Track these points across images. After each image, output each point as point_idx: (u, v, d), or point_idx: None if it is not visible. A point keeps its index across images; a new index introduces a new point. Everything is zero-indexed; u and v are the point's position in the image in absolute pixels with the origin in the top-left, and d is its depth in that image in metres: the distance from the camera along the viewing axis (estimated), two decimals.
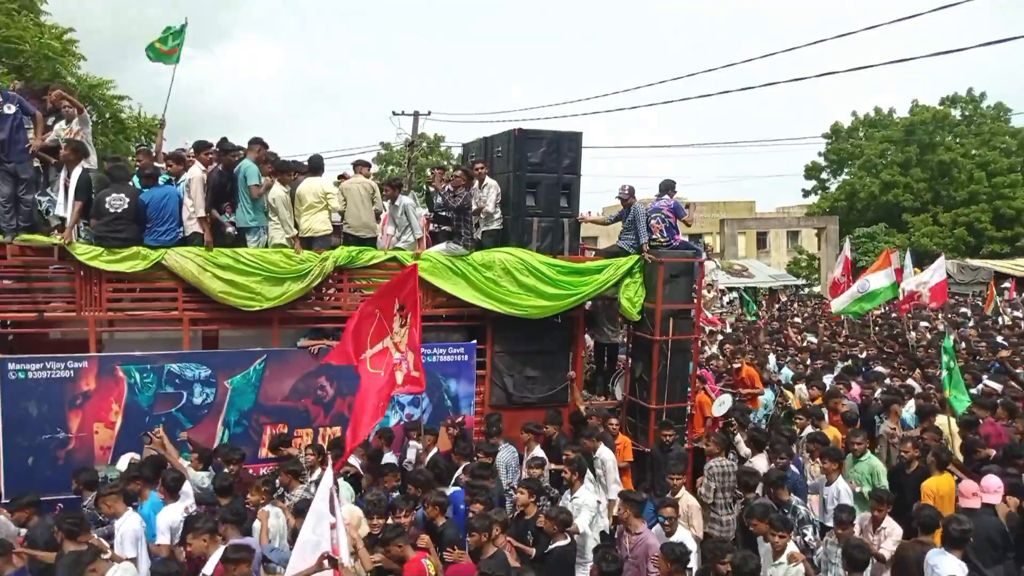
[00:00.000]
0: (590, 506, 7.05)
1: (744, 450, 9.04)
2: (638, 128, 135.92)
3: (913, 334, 16.03)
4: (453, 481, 7.98)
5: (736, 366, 11.88)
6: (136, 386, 8.71)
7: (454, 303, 9.59)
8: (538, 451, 8.52)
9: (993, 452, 8.15)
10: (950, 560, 5.85)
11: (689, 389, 10.06)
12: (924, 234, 43.37)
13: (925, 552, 6.14)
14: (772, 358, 14.62)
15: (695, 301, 10.00)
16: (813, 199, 50.60)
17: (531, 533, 6.74)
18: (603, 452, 8.63)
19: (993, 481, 6.93)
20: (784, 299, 37.03)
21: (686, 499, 7.62)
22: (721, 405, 10.86)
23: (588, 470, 8.06)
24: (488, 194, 9.69)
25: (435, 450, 8.78)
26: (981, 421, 9.16)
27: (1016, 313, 21.27)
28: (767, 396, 11.80)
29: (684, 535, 6.80)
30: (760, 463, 8.45)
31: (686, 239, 10.36)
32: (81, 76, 22.76)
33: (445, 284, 9.44)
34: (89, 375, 8.51)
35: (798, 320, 22.24)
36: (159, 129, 12.06)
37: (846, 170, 48.96)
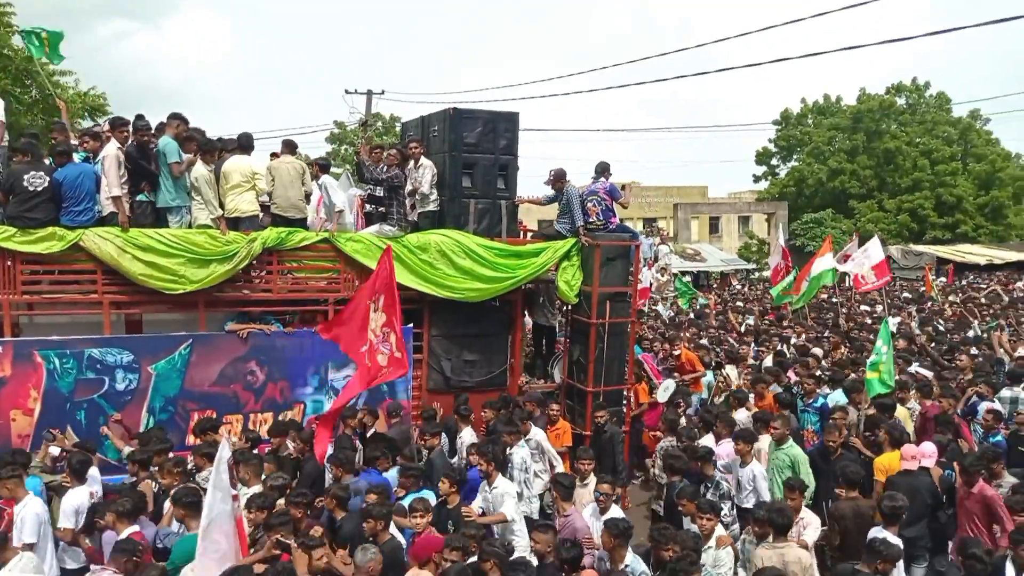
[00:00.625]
0: (511, 493, 6.86)
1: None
2: (594, 111, 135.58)
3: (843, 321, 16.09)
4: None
5: (676, 352, 11.81)
6: (56, 372, 8.29)
7: None
8: (468, 435, 8.34)
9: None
10: (889, 537, 5.94)
11: (627, 372, 9.91)
12: (870, 220, 44.09)
13: (857, 505, 6.66)
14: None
15: (632, 284, 9.84)
16: (764, 185, 51.14)
17: (452, 522, 6.54)
18: (535, 433, 8.48)
19: (929, 447, 7.46)
20: (736, 283, 37.37)
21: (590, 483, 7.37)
22: (665, 391, 10.85)
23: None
24: (423, 175, 9.40)
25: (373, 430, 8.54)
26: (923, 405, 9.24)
27: (953, 298, 21.55)
28: (707, 379, 11.76)
29: (617, 511, 6.73)
30: (710, 442, 8.37)
31: (622, 222, 10.18)
32: (17, 48, 21.61)
33: None
34: (4, 360, 8.08)
35: (740, 304, 22.37)
36: (62, 113, 11.48)
37: (795, 156, 49.52)
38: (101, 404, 8.48)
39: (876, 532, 6.11)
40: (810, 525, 6.53)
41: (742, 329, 16.07)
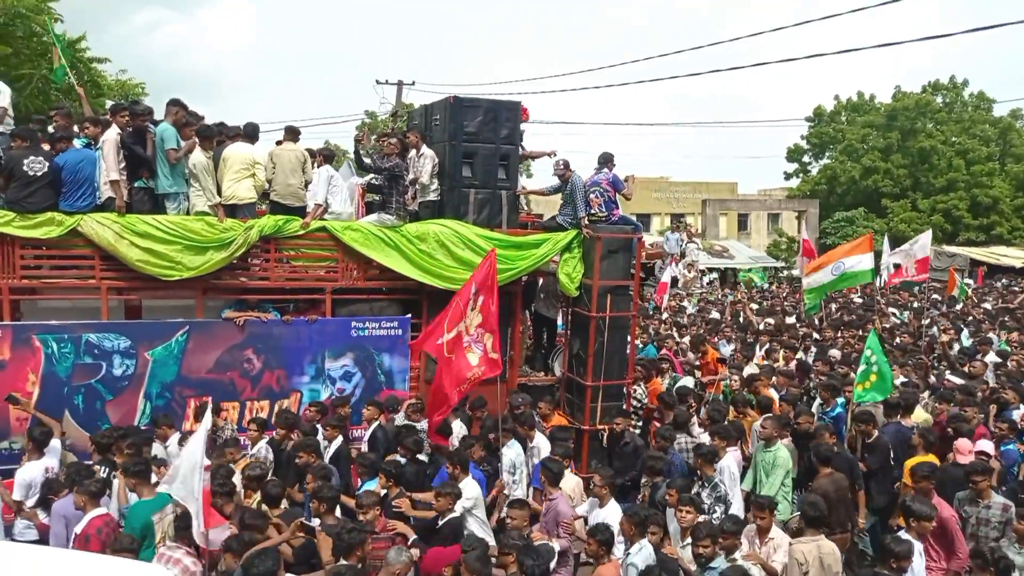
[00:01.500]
0: (467, 495, 6.59)
1: (696, 431, 8.69)
2: (623, 106, 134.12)
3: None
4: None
5: (703, 351, 11.49)
6: (54, 356, 8.24)
7: (387, 275, 9.12)
8: (457, 427, 8.28)
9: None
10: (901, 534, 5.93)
11: (627, 366, 9.58)
12: (903, 220, 42.90)
13: (834, 479, 6.98)
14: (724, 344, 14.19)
15: (633, 277, 9.50)
16: (795, 182, 50.07)
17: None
18: (539, 441, 8.12)
19: (986, 444, 7.74)
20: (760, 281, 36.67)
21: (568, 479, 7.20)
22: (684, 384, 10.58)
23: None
24: (423, 164, 9.18)
25: (377, 422, 8.34)
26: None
27: (986, 305, 20.63)
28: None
29: (614, 509, 6.51)
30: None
31: (625, 214, 9.85)
32: (57, 36, 21.85)
33: (377, 255, 8.96)
34: (3, 344, 8.04)
35: (762, 302, 21.82)
36: (81, 98, 11.44)
37: (827, 154, 48.37)
38: (99, 389, 8.42)
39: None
40: (780, 548, 6.16)
41: (760, 327, 15.59)
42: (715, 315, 20.13)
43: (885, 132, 45.32)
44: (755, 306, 21.12)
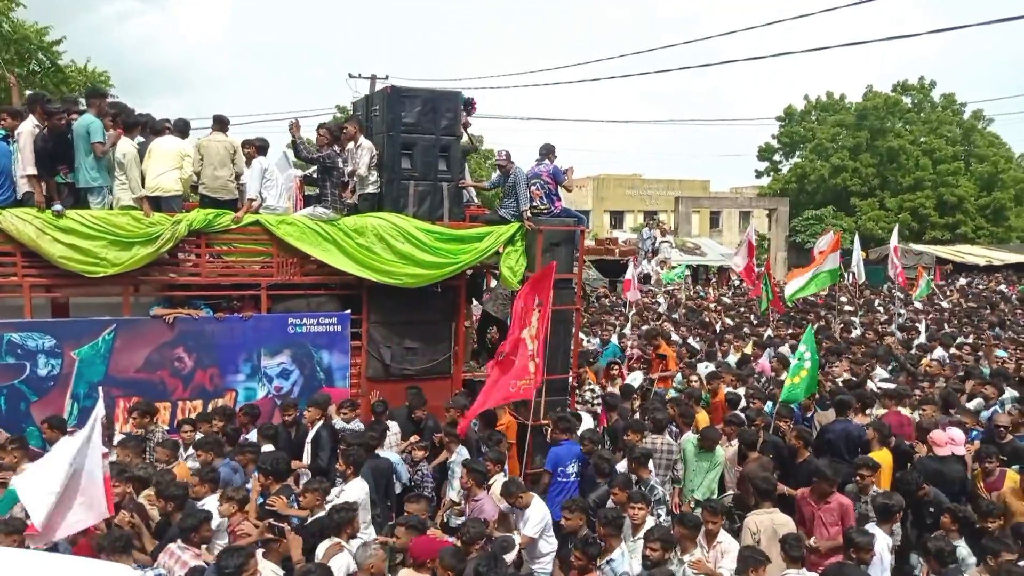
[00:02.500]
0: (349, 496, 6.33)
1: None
2: (596, 103, 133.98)
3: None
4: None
5: (655, 346, 11.20)
6: None
7: (326, 271, 8.77)
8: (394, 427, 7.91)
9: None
10: (880, 535, 5.97)
11: (571, 360, 9.27)
12: (870, 218, 43.00)
13: (761, 463, 7.17)
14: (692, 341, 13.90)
15: (577, 271, 9.20)
16: (766, 180, 50.08)
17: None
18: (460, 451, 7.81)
19: (958, 433, 7.59)
20: (735, 278, 36.53)
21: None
22: (632, 382, 10.33)
23: None
24: (361, 156, 8.82)
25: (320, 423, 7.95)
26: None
27: (944, 304, 20.48)
28: (678, 378, 11.10)
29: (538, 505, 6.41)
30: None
31: (567, 207, 9.54)
32: (17, 22, 21.13)
33: (313, 250, 8.61)
34: None
35: (727, 300, 21.62)
36: (13, 89, 10.97)
37: (798, 153, 48.42)
38: (22, 389, 8.00)
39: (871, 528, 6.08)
40: (728, 553, 5.94)
41: (717, 328, 15.34)
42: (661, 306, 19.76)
43: (854, 131, 45.41)
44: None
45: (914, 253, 37.18)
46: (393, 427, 8.07)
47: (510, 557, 5.83)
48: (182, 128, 8.62)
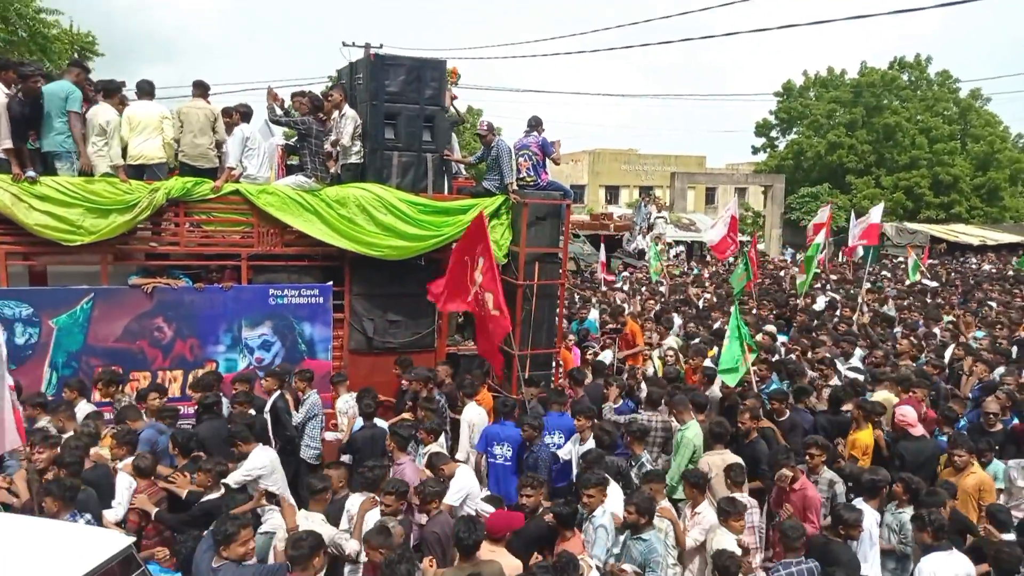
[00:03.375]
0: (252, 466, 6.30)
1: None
2: (593, 75, 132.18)
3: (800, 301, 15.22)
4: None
5: (621, 322, 11.02)
6: None
7: (307, 241, 8.58)
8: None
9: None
10: (868, 510, 5.94)
11: (556, 336, 9.14)
12: (866, 196, 42.67)
13: (723, 458, 6.70)
14: (676, 318, 13.72)
15: (563, 245, 9.02)
16: (762, 157, 49.69)
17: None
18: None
19: (909, 412, 7.40)
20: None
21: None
22: (603, 359, 10.19)
23: None
24: (345, 125, 8.58)
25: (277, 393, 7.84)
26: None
27: (931, 283, 20.21)
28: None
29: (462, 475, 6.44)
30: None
31: (555, 180, 9.32)
32: None
33: (295, 221, 8.42)
34: None
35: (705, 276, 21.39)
36: None
37: (795, 129, 47.97)
38: None
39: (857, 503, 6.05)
40: (699, 525, 5.94)
41: (700, 304, 15.17)
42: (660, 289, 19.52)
43: (851, 108, 44.95)
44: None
45: (908, 232, 37.06)
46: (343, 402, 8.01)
47: None
48: (148, 89, 8.28)
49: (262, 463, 6.25)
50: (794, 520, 5.77)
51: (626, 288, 19.48)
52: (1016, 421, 7.73)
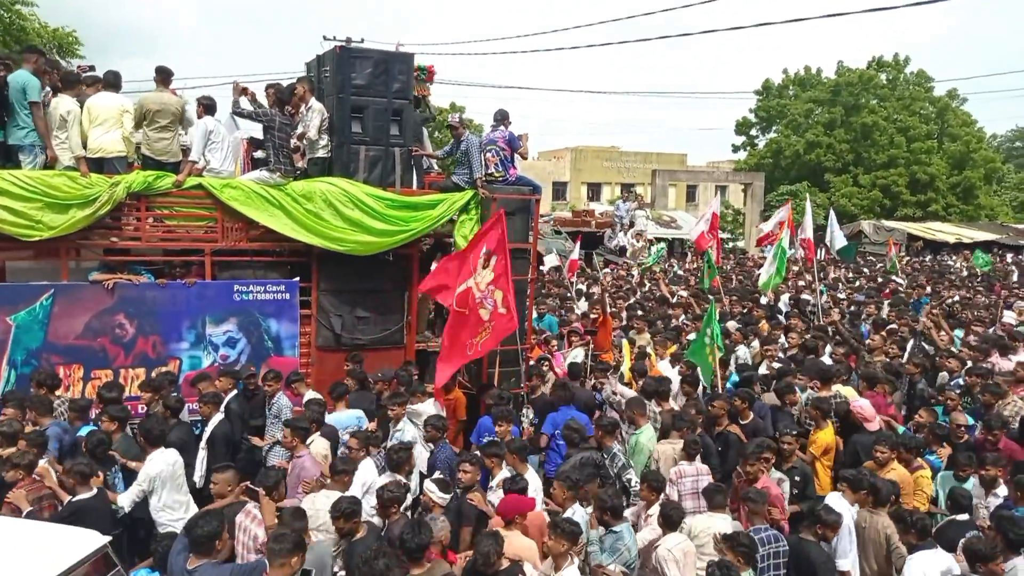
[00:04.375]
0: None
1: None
2: (573, 72, 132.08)
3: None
4: None
5: (594, 316, 10.90)
6: None
7: (273, 237, 8.39)
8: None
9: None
10: (846, 508, 5.86)
11: (525, 331, 9.00)
12: (844, 194, 42.96)
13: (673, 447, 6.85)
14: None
15: (532, 240, 8.90)
16: (742, 155, 49.85)
17: None
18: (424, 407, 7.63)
19: (866, 405, 7.55)
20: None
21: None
22: (573, 358, 10.07)
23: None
24: (311, 118, 8.41)
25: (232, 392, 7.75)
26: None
27: (897, 279, 20.18)
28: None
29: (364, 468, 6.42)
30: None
31: (523, 174, 9.20)
32: None
33: (260, 216, 8.22)
34: None
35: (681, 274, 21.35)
36: None
37: (774, 128, 48.16)
38: None
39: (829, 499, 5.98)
40: (649, 527, 5.86)
41: (673, 300, 15.07)
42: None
43: (829, 107, 45.18)
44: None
45: (886, 229, 37.30)
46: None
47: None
48: (114, 81, 8.08)
49: (157, 469, 6.11)
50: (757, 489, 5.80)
51: (604, 284, 19.37)
52: (977, 432, 7.45)
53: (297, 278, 8.66)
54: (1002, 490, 6.24)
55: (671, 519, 5.48)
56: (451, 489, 5.93)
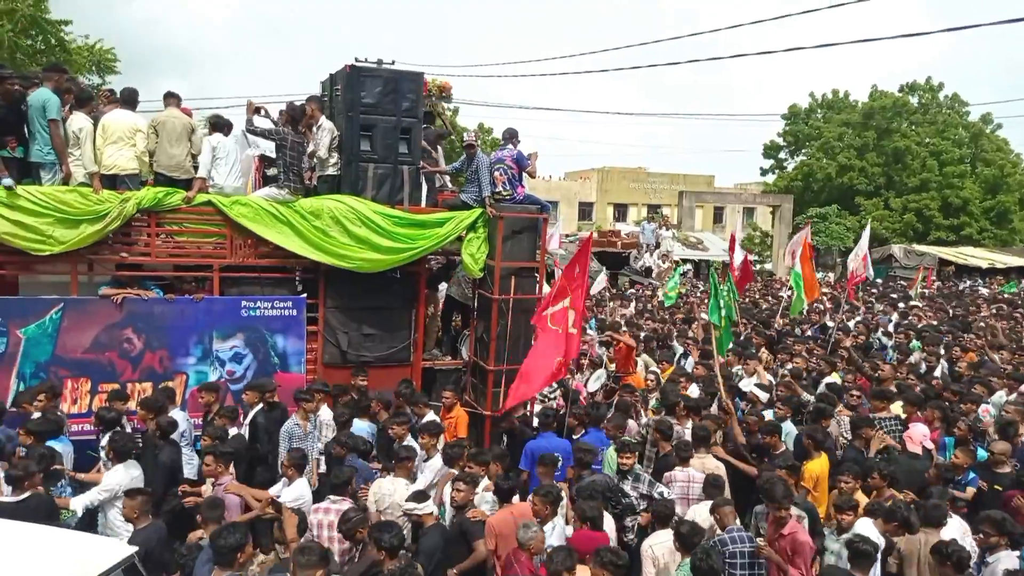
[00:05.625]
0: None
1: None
2: (599, 95, 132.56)
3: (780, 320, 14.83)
4: None
5: (613, 340, 10.63)
6: None
7: (281, 253, 8.34)
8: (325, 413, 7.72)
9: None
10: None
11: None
12: (875, 218, 42.07)
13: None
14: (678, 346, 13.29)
15: (540, 259, 8.72)
16: (770, 178, 49.23)
17: None
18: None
19: (923, 428, 7.60)
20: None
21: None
22: (597, 380, 9.87)
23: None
24: (321, 136, 8.38)
25: (258, 407, 7.69)
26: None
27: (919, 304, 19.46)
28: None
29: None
30: None
31: (531, 193, 9.03)
32: None
33: (268, 232, 8.19)
34: None
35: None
36: None
37: (804, 151, 47.52)
38: None
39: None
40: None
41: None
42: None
43: (861, 131, 44.46)
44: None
45: (917, 254, 36.41)
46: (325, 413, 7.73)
47: None
48: (128, 98, 8.12)
49: (118, 481, 6.05)
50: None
51: (633, 305, 19.07)
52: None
53: (304, 294, 8.59)
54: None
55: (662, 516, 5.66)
56: (426, 496, 5.81)
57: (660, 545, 5.42)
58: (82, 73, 23.07)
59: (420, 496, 5.71)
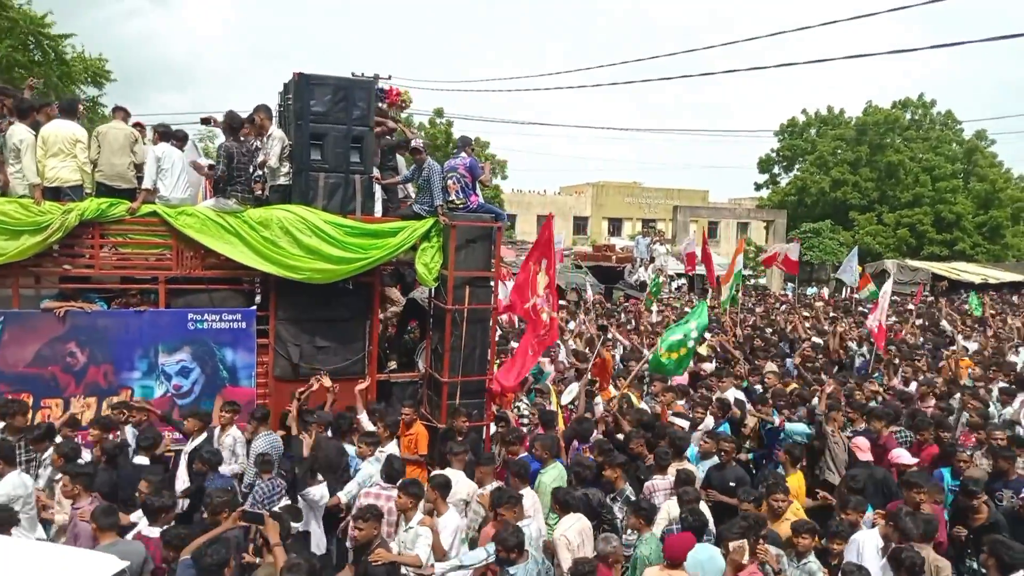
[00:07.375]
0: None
1: None
2: (593, 110, 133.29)
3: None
4: None
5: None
6: None
7: (229, 264, 8.06)
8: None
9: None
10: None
11: (488, 362, 8.47)
12: (868, 232, 41.81)
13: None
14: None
15: (494, 269, 8.42)
16: (764, 193, 48.99)
17: None
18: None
19: (863, 441, 7.45)
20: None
21: None
22: (569, 393, 9.55)
23: None
24: (272, 146, 8.12)
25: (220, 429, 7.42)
26: None
27: (918, 321, 19.00)
28: None
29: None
30: None
31: (485, 202, 8.74)
32: (23, 10, 20.85)
33: (216, 244, 7.91)
34: None
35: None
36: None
37: (797, 166, 47.31)
38: None
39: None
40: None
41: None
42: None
43: (855, 146, 44.26)
44: None
45: (910, 269, 35.98)
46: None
47: None
48: (68, 108, 7.88)
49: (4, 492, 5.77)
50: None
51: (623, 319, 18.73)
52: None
53: (254, 306, 8.30)
54: None
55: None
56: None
57: (571, 530, 5.46)
58: (77, 84, 23.10)
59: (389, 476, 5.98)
